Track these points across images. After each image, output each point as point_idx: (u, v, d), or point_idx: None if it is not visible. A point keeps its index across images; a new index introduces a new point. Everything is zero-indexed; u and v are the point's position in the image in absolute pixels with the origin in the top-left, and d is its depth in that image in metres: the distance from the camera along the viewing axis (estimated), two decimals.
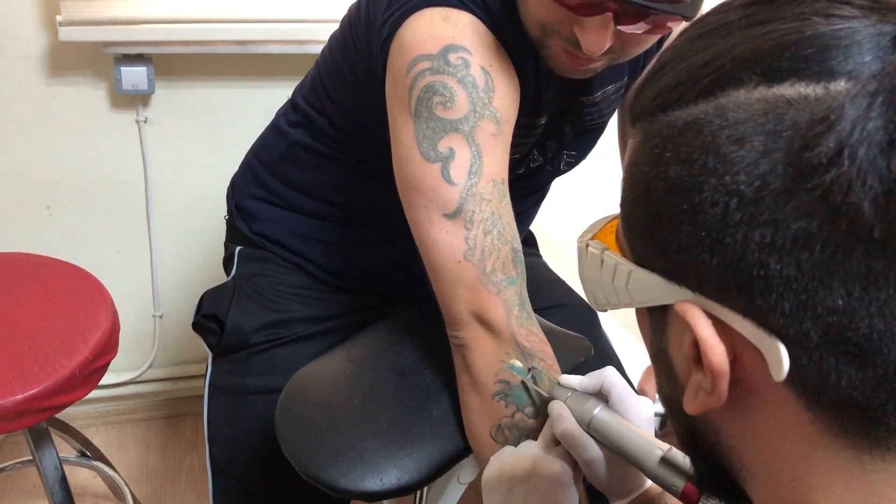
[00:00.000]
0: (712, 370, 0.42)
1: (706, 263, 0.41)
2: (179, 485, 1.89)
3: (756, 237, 0.39)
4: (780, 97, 0.39)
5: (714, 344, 0.42)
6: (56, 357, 1.23)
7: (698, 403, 0.45)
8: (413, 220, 0.88)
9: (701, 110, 0.41)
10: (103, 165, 1.70)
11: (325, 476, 0.86)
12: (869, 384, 0.39)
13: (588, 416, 0.74)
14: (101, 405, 1.99)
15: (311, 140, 1.13)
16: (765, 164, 0.38)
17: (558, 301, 1.27)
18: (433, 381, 0.96)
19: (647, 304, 0.48)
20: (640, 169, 0.45)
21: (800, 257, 0.38)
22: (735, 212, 0.39)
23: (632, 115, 0.47)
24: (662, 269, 0.45)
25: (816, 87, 0.38)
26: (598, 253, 0.51)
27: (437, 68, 0.85)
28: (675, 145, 0.42)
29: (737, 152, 0.39)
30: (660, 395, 0.52)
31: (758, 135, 0.39)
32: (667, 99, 0.44)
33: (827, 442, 0.41)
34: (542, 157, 1.10)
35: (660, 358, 0.50)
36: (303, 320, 1.14)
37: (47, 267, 1.43)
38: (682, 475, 0.67)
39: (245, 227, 1.20)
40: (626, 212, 0.47)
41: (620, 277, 0.49)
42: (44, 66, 1.56)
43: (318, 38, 1.57)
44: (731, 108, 0.40)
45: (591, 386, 0.79)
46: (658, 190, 0.43)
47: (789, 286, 0.39)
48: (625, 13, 0.80)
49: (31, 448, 1.35)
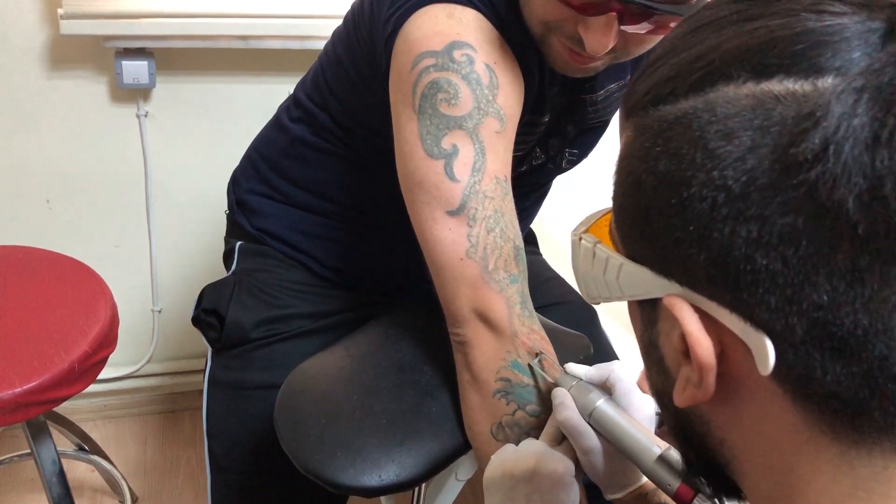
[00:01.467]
0: (699, 364, 0.43)
1: (694, 258, 0.42)
2: (177, 479, 1.89)
3: (743, 232, 0.39)
4: (768, 93, 0.39)
5: (701, 338, 0.42)
6: (55, 350, 1.23)
7: (687, 396, 0.45)
8: (415, 217, 0.88)
9: (690, 105, 0.42)
10: (104, 159, 1.69)
11: (324, 471, 0.86)
12: (854, 379, 0.39)
13: (590, 406, 0.75)
14: (99, 399, 1.99)
15: (312, 136, 1.13)
16: (752, 160, 0.39)
17: (558, 299, 1.27)
18: (432, 377, 0.96)
19: (637, 297, 0.48)
20: (631, 163, 0.45)
21: (786, 253, 0.38)
22: (722, 207, 0.40)
23: (625, 110, 0.48)
24: (652, 263, 0.45)
25: (804, 83, 0.38)
26: (590, 246, 0.51)
27: (442, 65, 0.85)
28: (665, 140, 0.42)
29: (724, 147, 0.39)
30: (651, 387, 0.53)
31: (745, 130, 0.39)
32: (658, 93, 0.44)
33: (814, 436, 0.42)
34: (544, 154, 1.10)
35: (651, 351, 0.50)
36: (303, 316, 1.14)
37: (47, 260, 1.43)
38: (678, 475, 0.67)
39: (246, 222, 1.20)
40: (618, 205, 0.48)
41: (612, 271, 0.49)
42: (45, 60, 1.56)
43: (320, 33, 1.57)
44: (720, 104, 0.40)
45: (598, 377, 0.79)
46: (648, 184, 0.43)
47: (775, 281, 0.39)
48: (629, 13, 0.80)
49: (29, 441, 1.35)
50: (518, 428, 0.84)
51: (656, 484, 0.70)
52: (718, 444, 0.48)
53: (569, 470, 0.74)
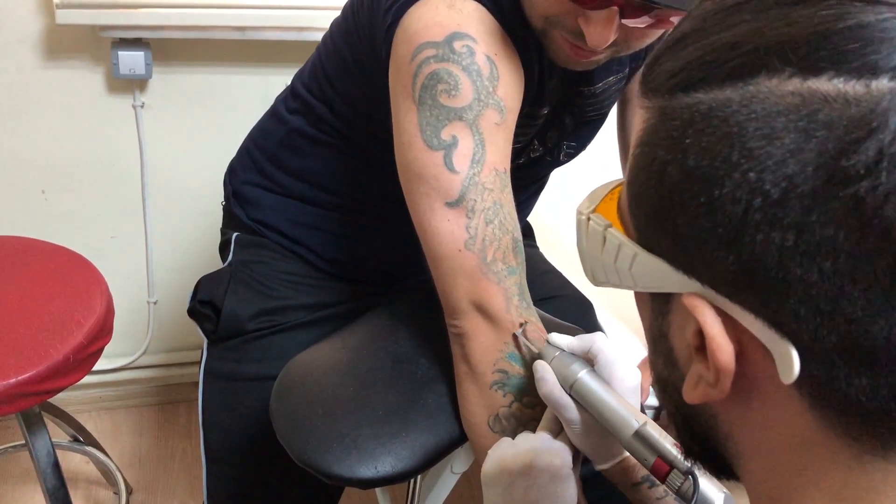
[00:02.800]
0: (718, 367, 0.41)
1: (721, 259, 0.40)
2: (172, 471, 1.89)
3: (778, 239, 0.37)
4: (815, 92, 0.36)
5: (723, 343, 0.41)
6: (50, 341, 1.23)
7: (699, 394, 0.44)
8: (414, 208, 0.87)
9: (727, 97, 0.39)
10: (99, 150, 1.69)
11: (320, 462, 0.86)
12: (879, 391, 0.38)
13: (571, 378, 0.75)
14: (94, 391, 1.99)
15: (310, 127, 1.12)
16: (793, 165, 0.36)
17: (554, 292, 1.27)
18: (429, 369, 0.96)
19: (650, 289, 0.46)
20: (654, 150, 0.42)
21: (822, 264, 0.36)
22: (757, 211, 0.37)
23: (646, 87, 0.44)
24: (671, 257, 0.43)
25: (857, 83, 0.36)
26: (600, 230, 0.48)
27: (442, 56, 0.85)
28: (697, 132, 0.40)
29: (764, 148, 0.37)
30: (655, 376, 0.51)
31: (788, 132, 0.36)
32: (689, 77, 0.41)
33: (827, 439, 0.41)
34: (542, 147, 1.10)
35: (659, 341, 0.48)
36: (299, 308, 1.14)
37: (42, 251, 1.42)
38: (654, 451, 0.68)
39: (242, 213, 1.20)
40: (635, 191, 0.45)
41: (624, 259, 0.46)
42: (40, 50, 1.55)
43: (317, 25, 1.57)
44: (761, 99, 0.38)
45: (580, 348, 0.79)
46: (674, 176, 0.41)
47: (808, 292, 0.37)
48: (630, 7, 0.80)
49: (24, 432, 1.35)
50: (515, 419, 0.84)
51: (634, 457, 0.70)
52: (724, 438, 0.47)
53: (566, 463, 0.74)
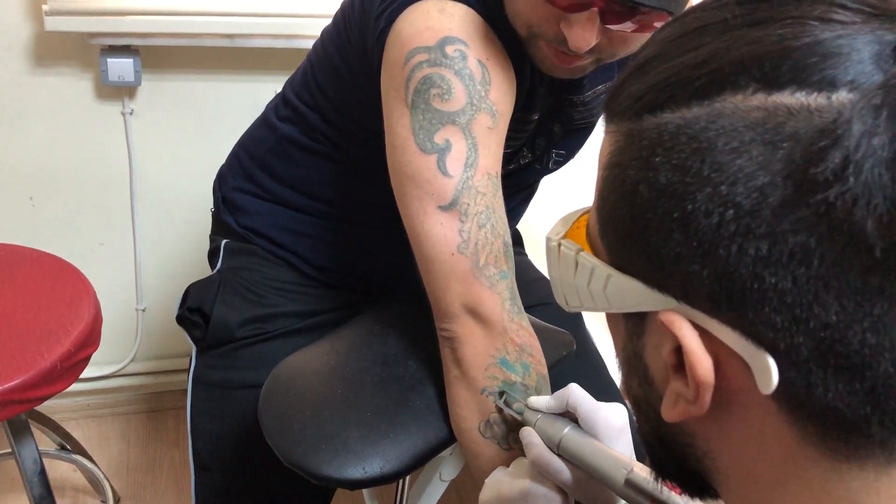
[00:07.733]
0: (697, 381, 0.42)
1: (696, 273, 0.40)
2: (160, 479, 1.88)
3: (751, 250, 0.38)
4: (780, 105, 0.38)
5: (702, 357, 0.41)
6: (37, 349, 1.22)
7: (678, 412, 0.44)
8: (406, 212, 0.87)
9: (694, 115, 0.40)
10: (88, 157, 1.68)
11: (308, 464, 0.86)
12: (856, 396, 0.38)
13: (557, 437, 0.74)
14: (82, 398, 1.97)
15: (300, 135, 1.13)
16: (763, 176, 0.37)
17: (543, 300, 1.27)
18: (417, 371, 0.96)
19: (625, 310, 0.47)
20: (625, 171, 0.43)
21: (796, 272, 0.37)
22: (730, 223, 0.38)
23: (610, 113, 0.45)
24: (645, 276, 0.44)
25: (818, 96, 0.37)
26: (572, 254, 0.49)
27: (435, 60, 0.85)
28: (666, 150, 0.40)
29: (734, 161, 0.38)
30: (630, 398, 0.51)
31: (756, 144, 0.38)
32: (655, 98, 0.42)
33: (806, 450, 0.41)
34: (530, 154, 1.11)
35: (633, 362, 0.48)
36: (288, 315, 1.13)
37: (30, 258, 1.42)
38: (646, 495, 0.68)
39: (232, 220, 1.20)
40: (606, 214, 0.45)
41: (597, 281, 0.47)
42: (29, 57, 1.55)
43: (307, 32, 1.57)
44: (728, 115, 0.39)
45: (558, 406, 0.77)
46: (646, 195, 0.41)
47: (783, 300, 0.38)
48: (610, 10, 0.80)
49: (10, 441, 1.34)
50: (506, 425, 0.84)
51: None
52: (701, 455, 0.47)
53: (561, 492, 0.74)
